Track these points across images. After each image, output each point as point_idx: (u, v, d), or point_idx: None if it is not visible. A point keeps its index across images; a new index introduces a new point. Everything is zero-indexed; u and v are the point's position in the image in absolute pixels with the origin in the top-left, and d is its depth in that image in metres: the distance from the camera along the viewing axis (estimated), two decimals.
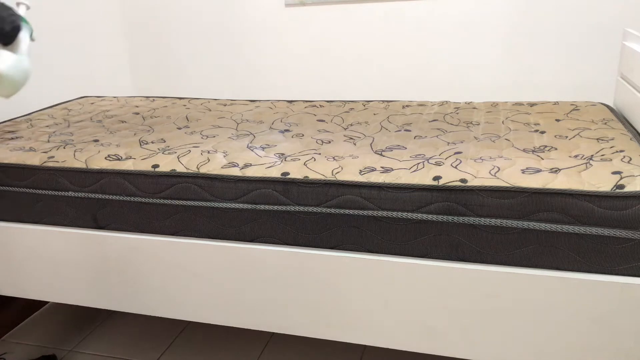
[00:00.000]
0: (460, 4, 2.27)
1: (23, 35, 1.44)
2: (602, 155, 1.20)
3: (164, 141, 1.51)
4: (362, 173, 1.20)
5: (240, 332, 1.81)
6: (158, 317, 1.42)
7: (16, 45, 1.43)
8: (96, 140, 1.55)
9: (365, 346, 1.72)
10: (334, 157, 1.30)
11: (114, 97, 2.20)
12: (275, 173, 1.24)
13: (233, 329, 1.83)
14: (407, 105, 1.81)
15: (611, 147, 1.24)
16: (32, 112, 1.99)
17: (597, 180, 1.07)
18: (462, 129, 1.50)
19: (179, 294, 1.35)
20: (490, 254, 1.12)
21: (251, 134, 1.55)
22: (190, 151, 1.40)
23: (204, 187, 1.27)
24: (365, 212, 1.16)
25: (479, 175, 1.14)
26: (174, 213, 1.31)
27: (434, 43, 2.34)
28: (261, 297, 1.28)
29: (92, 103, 2.10)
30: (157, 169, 1.32)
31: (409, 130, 1.51)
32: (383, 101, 1.89)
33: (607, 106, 1.64)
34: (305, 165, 1.27)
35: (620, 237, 1.03)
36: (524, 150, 1.28)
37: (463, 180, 1.13)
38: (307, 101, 1.95)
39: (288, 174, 1.23)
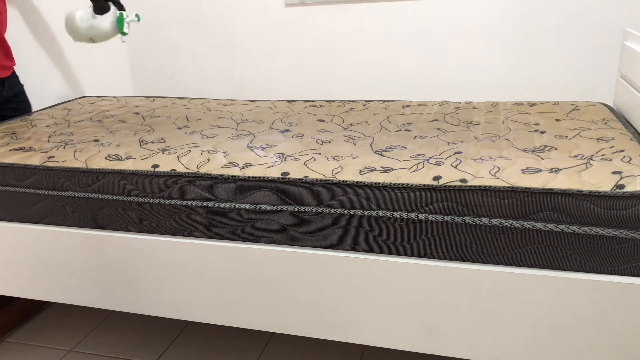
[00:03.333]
0: (460, 4, 2.27)
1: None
2: (602, 155, 1.20)
3: (164, 141, 1.51)
4: (362, 173, 1.20)
5: (240, 332, 1.81)
6: (158, 317, 1.42)
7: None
8: (96, 140, 1.55)
9: (365, 346, 1.72)
10: (334, 157, 1.30)
11: (114, 97, 2.20)
12: (275, 173, 1.24)
13: (233, 329, 1.83)
14: (407, 105, 1.81)
15: (611, 147, 1.24)
16: (32, 112, 1.99)
17: (597, 180, 1.07)
18: (462, 129, 1.50)
19: (179, 294, 1.35)
20: (490, 254, 1.12)
21: (251, 134, 1.55)
22: (190, 151, 1.40)
23: (204, 187, 1.27)
24: (365, 212, 1.16)
25: (479, 175, 1.14)
26: (174, 213, 1.31)
27: (434, 43, 2.34)
28: (261, 297, 1.28)
29: (92, 103, 2.10)
30: (157, 169, 1.32)
31: (409, 130, 1.51)
32: (383, 101, 1.88)
33: (607, 106, 1.64)
34: (305, 165, 1.27)
35: (620, 237, 1.03)
36: (524, 150, 1.28)
37: (463, 180, 1.13)
38: (307, 101, 1.95)
39: (288, 174, 1.24)
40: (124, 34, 1.88)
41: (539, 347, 1.12)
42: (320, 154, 1.34)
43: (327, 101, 1.93)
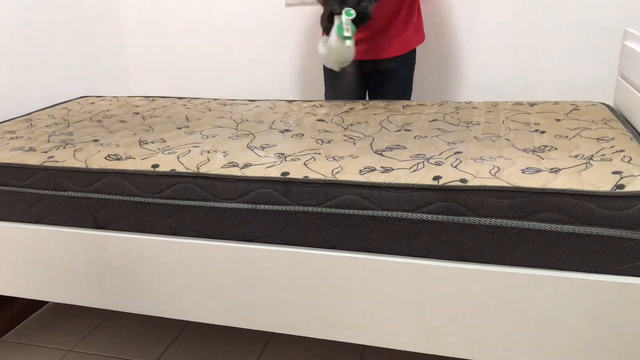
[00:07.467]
0: (460, 4, 2.27)
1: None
2: (602, 155, 1.20)
3: (164, 141, 1.51)
4: (362, 173, 1.20)
5: (240, 332, 1.81)
6: (158, 317, 1.42)
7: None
8: (96, 140, 1.55)
9: (365, 346, 1.72)
10: (334, 157, 1.30)
11: (114, 97, 2.20)
12: (275, 173, 1.24)
13: (233, 329, 1.83)
14: (407, 105, 1.81)
15: (611, 147, 1.24)
16: (32, 112, 1.99)
17: (597, 180, 1.07)
18: (462, 128, 1.50)
19: (179, 294, 1.35)
20: (490, 254, 1.12)
21: (251, 133, 1.55)
22: (190, 151, 1.40)
23: (204, 187, 1.27)
24: (365, 212, 1.16)
25: (479, 175, 1.14)
26: (174, 213, 1.31)
27: (434, 43, 2.34)
28: (261, 297, 1.28)
29: (92, 103, 2.10)
30: (157, 169, 1.32)
31: (409, 130, 1.51)
32: (383, 101, 1.88)
33: (607, 106, 1.64)
34: (305, 165, 1.27)
35: (621, 237, 1.03)
36: (524, 150, 1.28)
37: (463, 180, 1.13)
38: (307, 101, 1.95)
39: (288, 173, 1.23)
40: (344, 38, 1.70)
41: (539, 347, 1.12)
42: (320, 154, 1.34)
43: (327, 101, 1.93)
